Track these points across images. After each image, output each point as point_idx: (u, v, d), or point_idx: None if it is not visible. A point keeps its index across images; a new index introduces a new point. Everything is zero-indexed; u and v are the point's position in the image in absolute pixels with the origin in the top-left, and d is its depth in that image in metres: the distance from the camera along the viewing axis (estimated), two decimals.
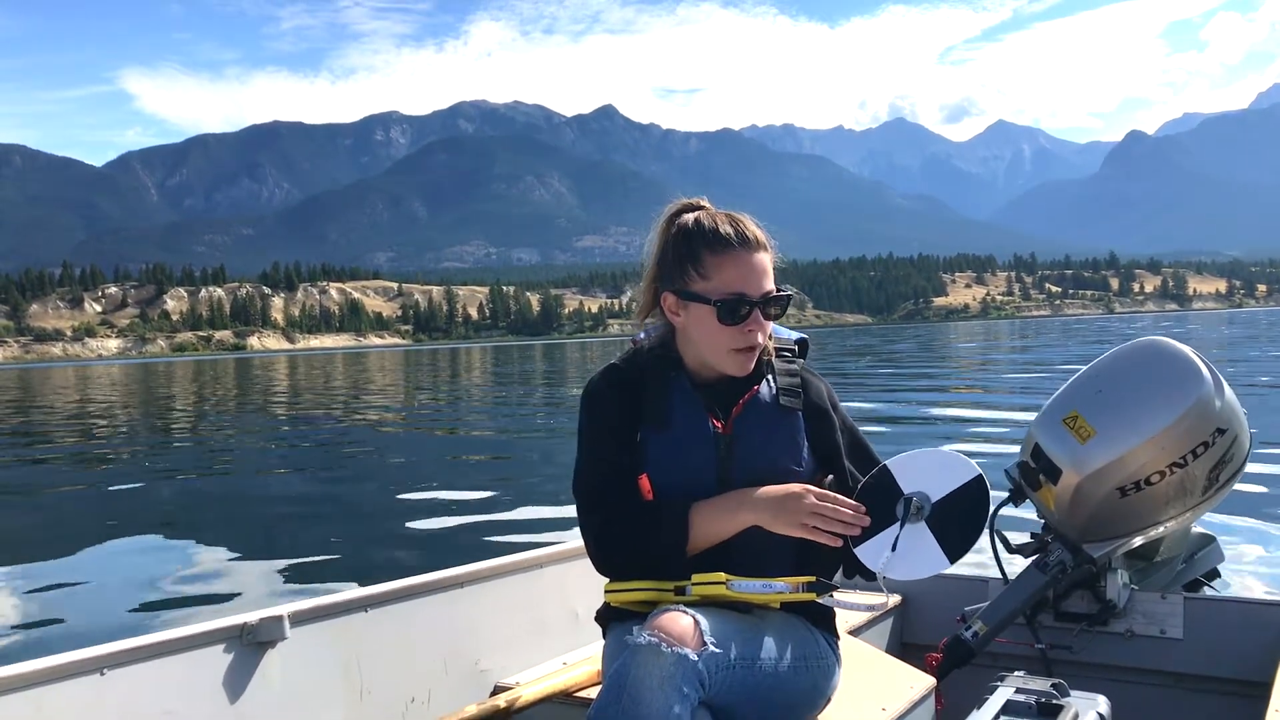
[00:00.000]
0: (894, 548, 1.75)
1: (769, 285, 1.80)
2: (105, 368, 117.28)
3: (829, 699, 1.88)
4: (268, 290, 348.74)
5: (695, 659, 1.52)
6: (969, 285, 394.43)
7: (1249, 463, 2.25)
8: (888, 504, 1.80)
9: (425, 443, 15.21)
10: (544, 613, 2.47)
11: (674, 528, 1.75)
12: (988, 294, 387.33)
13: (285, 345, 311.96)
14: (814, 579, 1.78)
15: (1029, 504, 2.33)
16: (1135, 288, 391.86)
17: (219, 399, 31.37)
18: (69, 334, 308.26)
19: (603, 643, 1.93)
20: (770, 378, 1.88)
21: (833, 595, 1.81)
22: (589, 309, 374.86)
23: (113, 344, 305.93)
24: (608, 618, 1.90)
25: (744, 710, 1.65)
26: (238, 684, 1.88)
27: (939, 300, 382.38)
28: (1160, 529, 2.28)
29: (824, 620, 1.90)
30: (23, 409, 29.77)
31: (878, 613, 2.62)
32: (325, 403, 26.03)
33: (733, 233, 1.78)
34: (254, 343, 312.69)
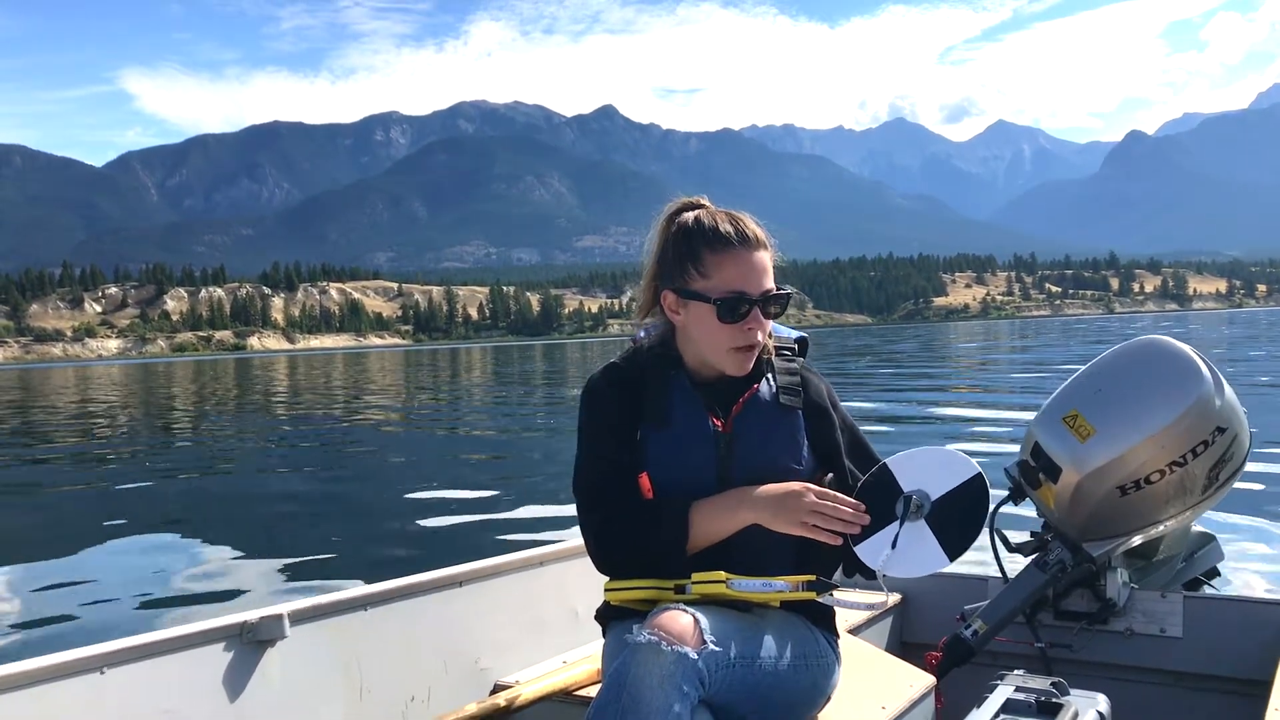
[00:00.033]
0: (894, 546, 1.75)
1: (769, 284, 1.79)
2: (105, 368, 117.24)
3: (829, 697, 1.87)
4: (268, 290, 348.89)
5: (695, 657, 1.52)
6: (969, 285, 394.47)
7: (1249, 461, 2.25)
8: (887, 502, 1.79)
9: (425, 442, 15.21)
10: (544, 611, 2.47)
11: (674, 526, 1.75)
12: (988, 294, 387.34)
13: (285, 345, 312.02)
14: (814, 578, 1.78)
15: (1029, 503, 2.33)
16: (1135, 288, 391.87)
17: (219, 399, 31.37)
18: (69, 334, 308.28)
19: (602, 641, 1.93)
20: (770, 376, 1.88)
21: (832, 594, 1.81)
22: (589, 309, 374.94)
23: (113, 344, 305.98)
24: (607, 616, 1.90)
25: (744, 709, 1.64)
26: (238, 682, 1.88)
27: (939, 300, 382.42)
28: (1160, 528, 2.28)
29: (824, 619, 1.90)
30: (23, 409, 29.76)
31: (877, 611, 2.61)
32: (325, 403, 26.04)
33: (733, 231, 1.78)
34: (254, 343, 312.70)
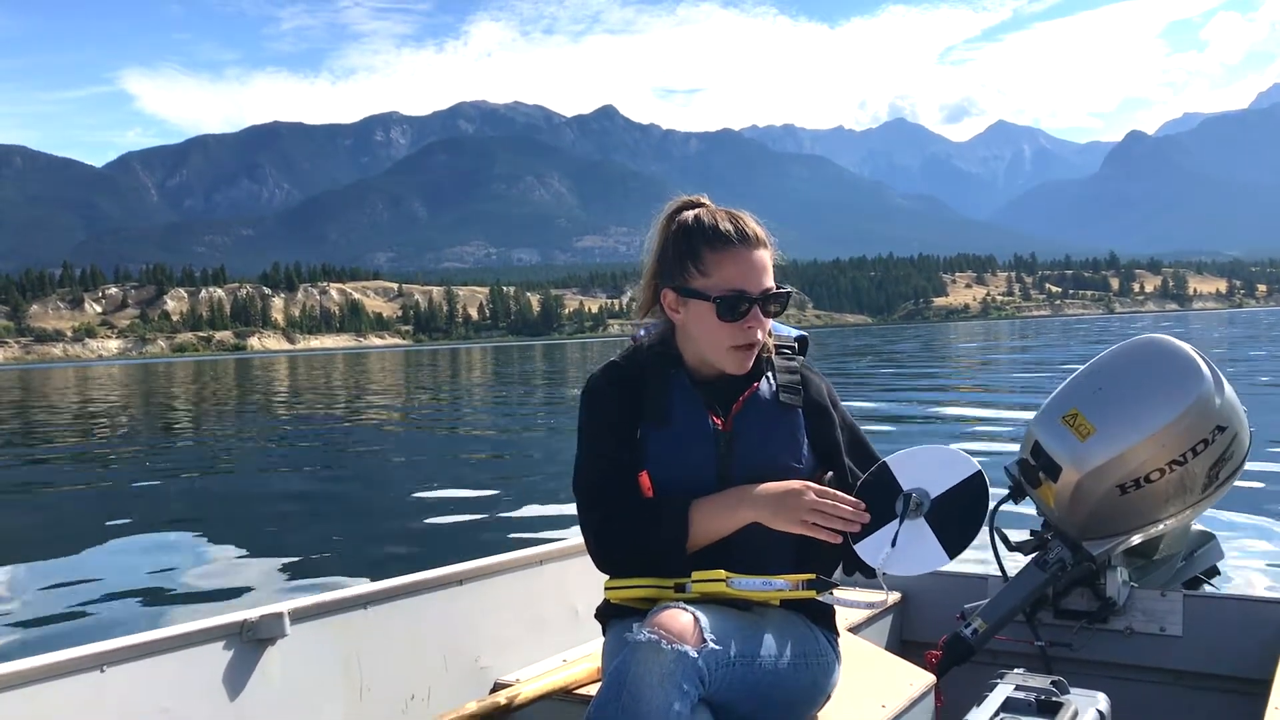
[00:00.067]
0: (893, 544, 1.75)
1: (769, 282, 1.79)
2: (105, 368, 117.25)
3: (829, 696, 1.87)
4: (268, 291, 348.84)
5: (695, 656, 1.51)
6: (969, 285, 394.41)
7: (1249, 460, 2.25)
8: (887, 501, 1.79)
9: (426, 442, 15.21)
10: (544, 610, 2.47)
11: (674, 524, 1.75)
12: (988, 294, 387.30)
13: (285, 346, 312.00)
14: (814, 576, 1.78)
15: (1029, 501, 2.33)
16: (1135, 288, 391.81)
17: (219, 399, 31.37)
18: (69, 334, 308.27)
19: (603, 640, 1.93)
20: (770, 375, 1.88)
21: (832, 592, 1.80)
22: (589, 309, 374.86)
23: (113, 344, 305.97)
24: (608, 615, 1.90)
25: (744, 707, 1.64)
26: (238, 681, 1.88)
27: (939, 300, 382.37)
28: (1160, 526, 2.28)
29: (824, 617, 1.90)
30: (24, 409, 29.76)
31: (877, 610, 2.61)
32: (326, 403, 26.03)
33: (732, 229, 1.78)
34: (254, 343, 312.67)
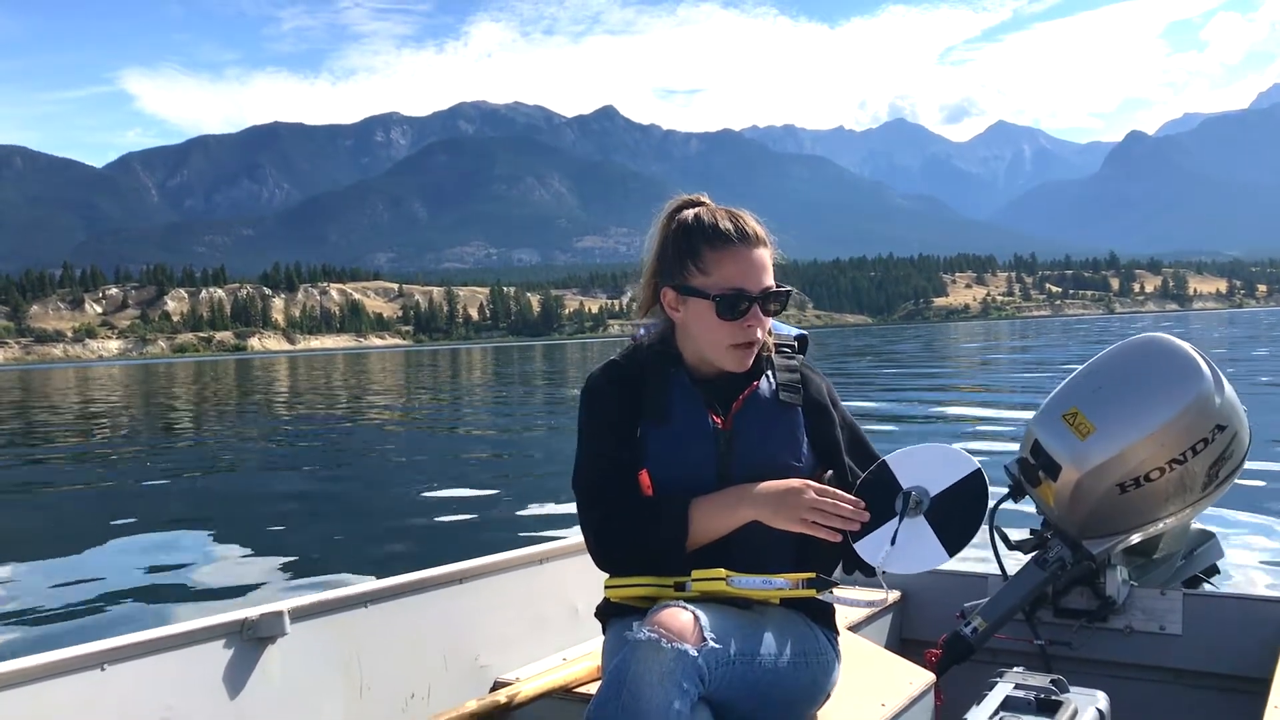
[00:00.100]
0: (893, 542, 1.75)
1: (768, 281, 1.80)
2: (106, 369, 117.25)
3: (828, 695, 1.87)
4: (268, 291, 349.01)
5: (695, 654, 1.51)
6: (969, 285, 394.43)
7: (1248, 459, 2.25)
8: (887, 499, 1.79)
9: (426, 441, 15.21)
10: (544, 608, 2.47)
11: (673, 523, 1.75)
12: (988, 294, 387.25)
13: (286, 346, 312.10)
14: (814, 575, 1.78)
15: (1029, 500, 2.33)
16: (1135, 288, 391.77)
17: (220, 399, 31.37)
18: (69, 335, 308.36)
19: (602, 638, 1.93)
20: (770, 373, 1.88)
21: (832, 591, 1.80)
22: (589, 309, 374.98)
23: (113, 345, 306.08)
24: (608, 613, 1.90)
25: (743, 706, 1.64)
26: (238, 679, 1.88)
27: (939, 300, 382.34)
28: (1160, 525, 2.27)
29: (823, 616, 1.90)
30: (24, 409, 29.77)
31: (877, 609, 2.61)
32: (326, 403, 26.04)
33: (732, 228, 1.78)
34: (254, 344, 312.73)
